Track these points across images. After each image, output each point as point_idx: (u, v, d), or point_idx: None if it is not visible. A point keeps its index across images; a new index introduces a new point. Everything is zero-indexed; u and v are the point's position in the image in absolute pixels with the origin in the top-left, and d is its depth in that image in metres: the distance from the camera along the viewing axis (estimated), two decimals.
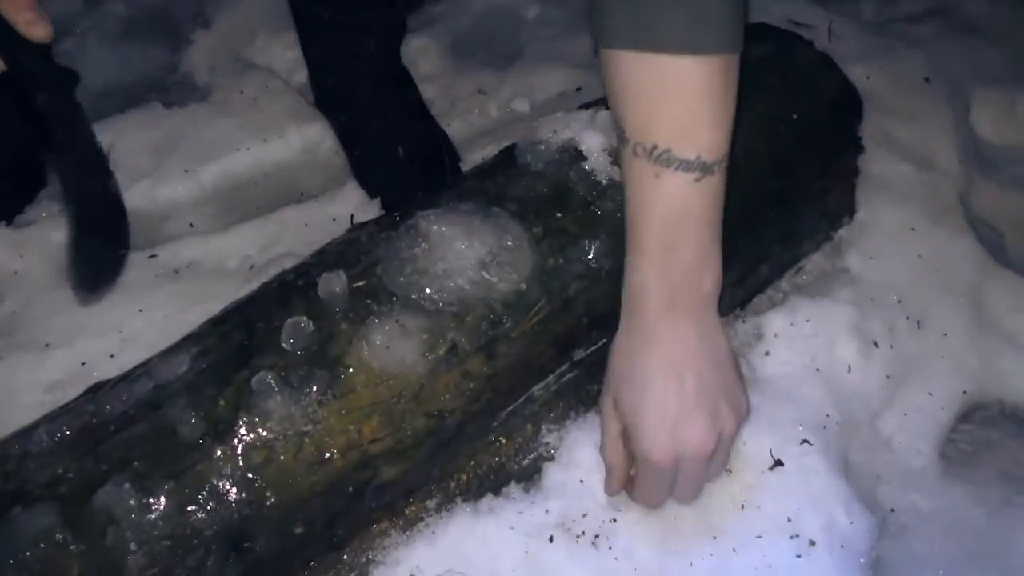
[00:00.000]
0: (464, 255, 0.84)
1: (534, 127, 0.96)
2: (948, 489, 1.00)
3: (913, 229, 1.16)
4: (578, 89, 1.38)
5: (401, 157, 1.27)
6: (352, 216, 1.22)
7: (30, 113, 1.26)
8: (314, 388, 0.76)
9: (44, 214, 1.24)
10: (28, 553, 0.68)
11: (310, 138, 1.36)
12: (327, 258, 0.87)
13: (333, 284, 0.81)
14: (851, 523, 0.90)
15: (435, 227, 0.85)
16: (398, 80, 1.34)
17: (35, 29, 0.89)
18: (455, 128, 1.37)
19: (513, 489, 0.89)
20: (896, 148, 1.26)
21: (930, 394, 1.04)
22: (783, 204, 1.03)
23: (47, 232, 1.22)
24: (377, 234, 0.87)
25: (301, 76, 1.48)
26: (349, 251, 0.87)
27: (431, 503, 0.86)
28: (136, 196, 1.26)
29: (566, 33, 1.51)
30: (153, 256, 1.19)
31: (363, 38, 1.27)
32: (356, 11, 1.24)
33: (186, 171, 1.30)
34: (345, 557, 0.83)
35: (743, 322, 1.04)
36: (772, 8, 1.51)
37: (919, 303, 1.09)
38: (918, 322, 1.08)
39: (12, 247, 1.20)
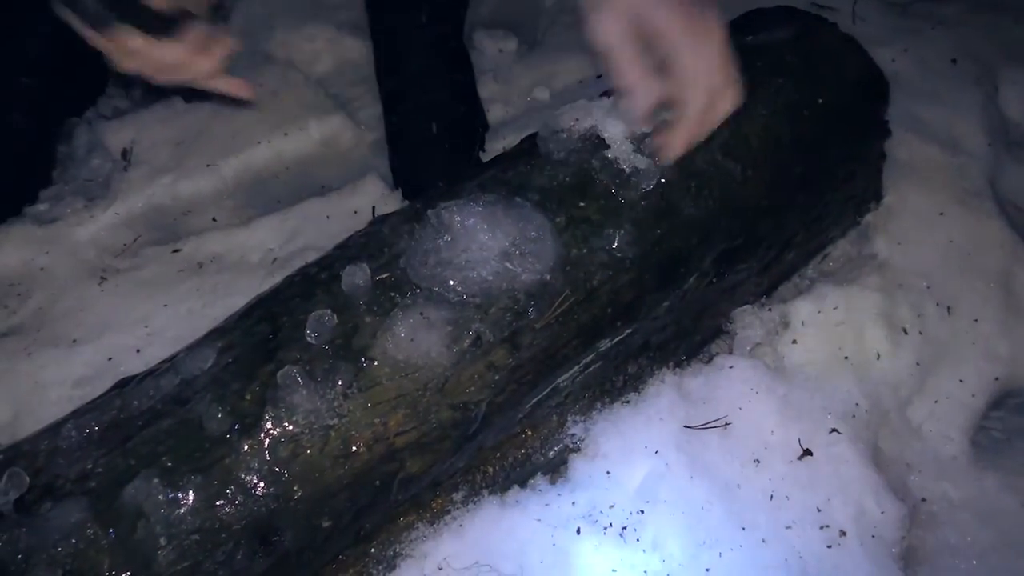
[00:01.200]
0: (487, 246, 0.83)
1: (555, 115, 0.95)
2: (980, 477, 0.99)
3: (942, 213, 1.14)
4: (598, 76, 1.37)
5: (432, 133, 1.27)
6: (373, 208, 1.22)
7: (38, 104, 1.28)
8: (339, 381, 0.76)
9: (68, 210, 1.25)
10: (59, 548, 0.68)
11: (330, 131, 1.36)
12: (350, 251, 0.87)
13: (356, 277, 0.81)
14: (882, 512, 0.89)
15: (458, 218, 0.85)
16: (453, 58, 1.34)
17: None
18: None
19: (539, 481, 0.89)
20: (923, 131, 1.24)
21: (961, 381, 1.03)
22: (808, 189, 1.02)
23: (72, 228, 1.22)
24: (400, 226, 0.87)
25: (321, 68, 1.48)
26: (372, 243, 0.86)
27: (457, 495, 0.86)
28: (159, 191, 1.27)
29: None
30: (176, 251, 1.19)
31: (421, 6, 1.27)
32: None
33: (208, 165, 1.30)
34: (372, 550, 0.83)
35: (769, 310, 1.03)
36: None
37: (949, 289, 1.08)
38: (948, 308, 1.06)
39: (38, 244, 1.20)
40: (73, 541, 0.69)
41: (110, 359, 1.07)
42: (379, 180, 1.27)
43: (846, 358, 0.99)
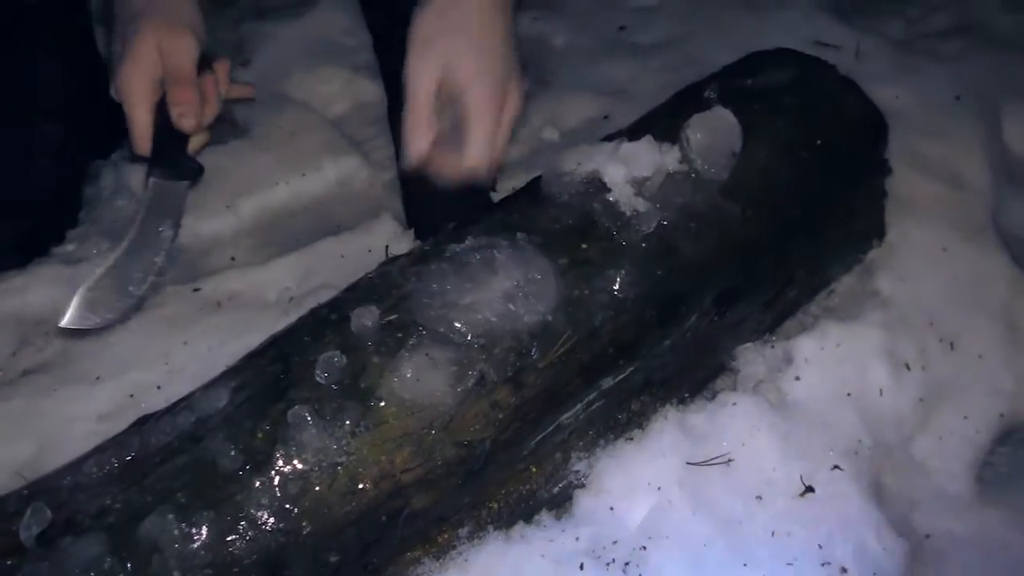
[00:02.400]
0: (491, 288, 0.86)
1: (558, 159, 0.98)
2: (985, 514, 0.99)
3: (945, 249, 1.16)
4: (606, 117, 1.40)
5: None
6: (387, 247, 1.25)
7: (65, 148, 1.34)
8: (347, 420, 0.79)
9: (94, 251, 1.30)
10: None
11: (345, 171, 1.40)
12: (360, 292, 0.90)
13: (365, 319, 0.84)
14: (884, 549, 0.90)
15: (463, 261, 0.88)
16: None
17: (185, 121, 0.98)
18: None
19: (544, 516, 0.91)
20: (926, 167, 1.25)
21: (965, 417, 1.04)
22: (808, 229, 1.04)
23: (96, 269, 1.26)
24: (408, 268, 0.90)
25: (337, 110, 1.53)
26: (381, 285, 0.89)
27: (463, 531, 0.88)
28: (180, 232, 1.31)
29: (594, 60, 1.53)
30: (197, 290, 1.23)
31: None
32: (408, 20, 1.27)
33: (227, 206, 1.34)
34: None
35: (772, 347, 1.05)
36: (799, 29, 1.52)
37: (952, 324, 1.09)
38: (951, 344, 1.07)
39: (65, 283, 1.24)
40: (92, 575, 0.72)
41: (132, 396, 1.10)
42: (392, 219, 1.30)
43: (849, 394, 1.01)
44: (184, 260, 1.30)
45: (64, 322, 0.94)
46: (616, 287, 0.90)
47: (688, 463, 0.93)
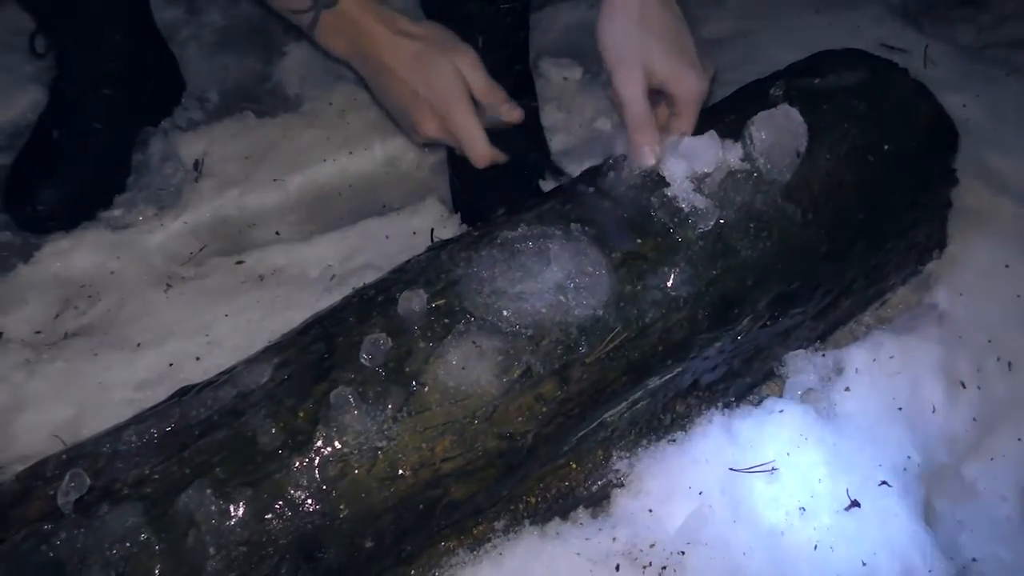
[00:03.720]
0: (542, 278, 0.84)
1: (618, 150, 0.96)
2: None
3: (1007, 266, 1.12)
4: None
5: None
6: (432, 231, 1.24)
7: (116, 114, 1.34)
8: (390, 405, 0.78)
9: (140, 217, 1.30)
10: (114, 550, 0.71)
11: (393, 152, 1.39)
12: (408, 275, 0.89)
13: (412, 302, 0.82)
14: (929, 571, 0.87)
15: (515, 249, 0.86)
16: (517, 83, 1.34)
17: (516, 112, 1.01)
18: None
19: (581, 514, 0.89)
20: (993, 180, 1.21)
21: (1019, 440, 1.00)
22: (870, 236, 1.01)
23: (143, 235, 1.27)
24: (458, 253, 0.88)
25: None
26: (430, 268, 0.88)
27: (499, 524, 0.87)
28: (227, 203, 1.31)
29: None
30: (240, 262, 1.23)
31: (483, 29, 1.27)
32: (465, 3, 1.26)
33: (275, 180, 1.34)
34: (412, 572, 0.84)
35: (823, 356, 1.02)
36: (866, 31, 1.48)
37: (1011, 344, 1.05)
38: (1009, 364, 1.04)
39: (110, 248, 1.25)
40: (127, 545, 0.71)
41: (171, 365, 1.10)
42: (439, 203, 1.29)
43: (900, 409, 0.98)
44: (229, 232, 1.30)
45: None
46: (669, 284, 0.87)
47: (731, 469, 0.91)
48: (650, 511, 0.88)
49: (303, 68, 1.56)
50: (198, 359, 1.11)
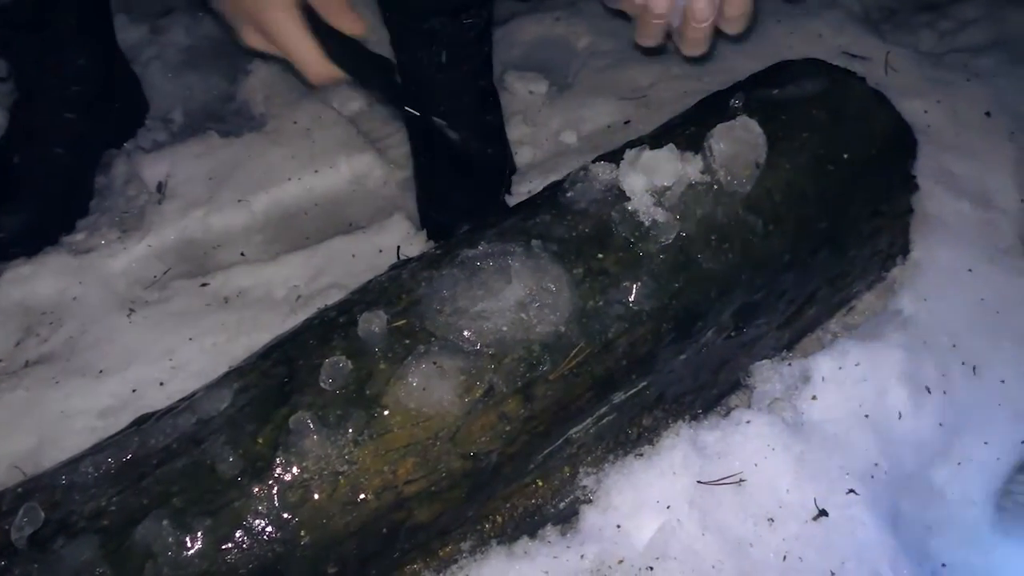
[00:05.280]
0: (503, 296, 0.84)
1: (579, 167, 0.96)
2: (1004, 543, 0.96)
3: (970, 270, 1.13)
4: (626, 122, 1.38)
5: (459, 174, 1.28)
6: (398, 248, 1.23)
7: (78, 137, 1.32)
8: (351, 428, 0.77)
9: (103, 241, 1.28)
10: None
11: (359, 169, 1.38)
12: (370, 295, 0.88)
13: (373, 324, 0.82)
14: None
15: (476, 267, 0.86)
16: (482, 98, 1.34)
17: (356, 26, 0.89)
18: None
19: (549, 531, 0.89)
20: (954, 185, 1.22)
21: (986, 443, 1.01)
22: (832, 245, 1.01)
23: (106, 259, 1.25)
24: (419, 272, 0.88)
25: (354, 106, 1.51)
26: (391, 289, 0.87)
27: (465, 544, 0.86)
28: (191, 225, 1.30)
29: (616, 64, 1.50)
30: (204, 284, 1.22)
31: (446, 45, 1.28)
32: (427, 18, 1.25)
33: (239, 200, 1.33)
34: None
35: (789, 365, 1.02)
36: (827, 39, 1.49)
37: (975, 348, 1.06)
38: (974, 368, 1.04)
39: (73, 273, 1.23)
40: None
41: (134, 391, 1.09)
42: (405, 219, 1.28)
43: (867, 416, 0.98)
44: (193, 254, 1.28)
45: None
46: (632, 299, 0.87)
47: (699, 481, 0.90)
48: (618, 527, 0.87)
49: (267, 87, 1.55)
50: (162, 384, 1.10)
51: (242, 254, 1.28)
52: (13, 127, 1.35)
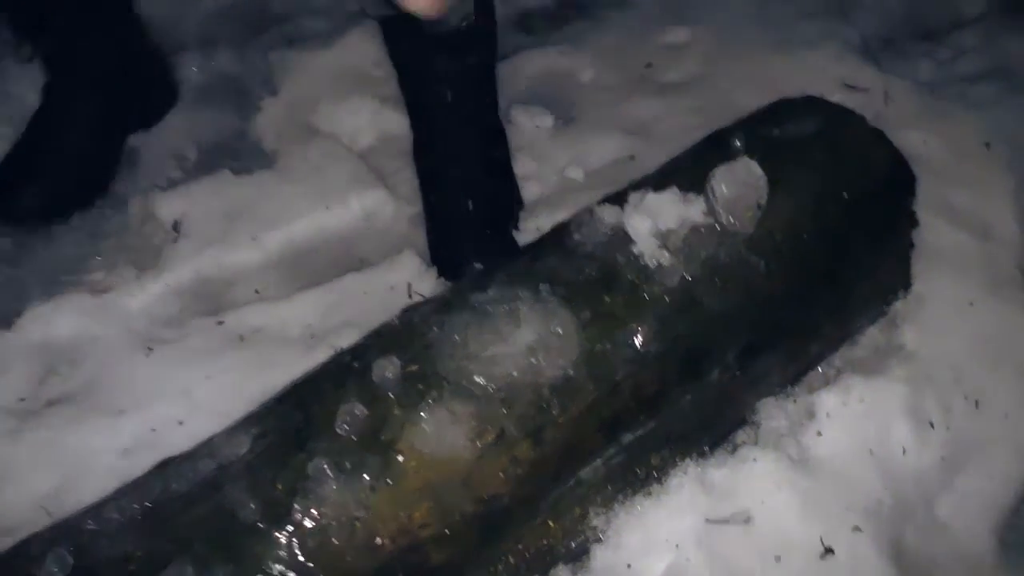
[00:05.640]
0: (513, 341, 0.86)
1: (584, 207, 0.99)
2: None
3: (972, 303, 1.14)
4: (631, 157, 1.40)
5: (467, 211, 1.31)
6: (409, 285, 1.26)
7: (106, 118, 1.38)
8: (366, 475, 0.79)
9: (121, 280, 1.31)
10: None
11: (370, 205, 1.41)
12: (382, 340, 0.90)
13: (386, 370, 0.84)
14: None
15: (486, 312, 0.88)
16: (488, 134, 1.37)
17: None
18: None
19: (561, 571, 0.91)
20: (954, 217, 1.24)
21: (990, 477, 1.02)
22: (834, 282, 1.03)
23: (124, 298, 1.28)
24: (430, 316, 0.90)
25: (365, 141, 1.54)
26: (403, 333, 0.90)
27: None
28: (206, 263, 1.33)
29: (620, 98, 1.53)
30: (220, 323, 1.24)
31: (452, 82, 1.31)
32: (433, 57, 1.28)
33: (253, 238, 1.35)
34: None
35: (794, 401, 1.04)
36: (827, 70, 1.52)
37: (978, 381, 1.08)
38: (976, 402, 1.06)
39: (91, 313, 1.26)
40: None
41: (154, 430, 1.11)
42: (416, 256, 1.31)
43: (871, 452, 1.00)
44: (209, 292, 1.31)
45: None
46: (639, 341, 0.89)
47: (707, 520, 0.92)
48: (629, 566, 0.89)
49: (279, 123, 1.58)
50: (181, 423, 1.12)
51: (256, 292, 1.31)
52: (43, 105, 1.42)
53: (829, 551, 0.90)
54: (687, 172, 1.02)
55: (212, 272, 1.33)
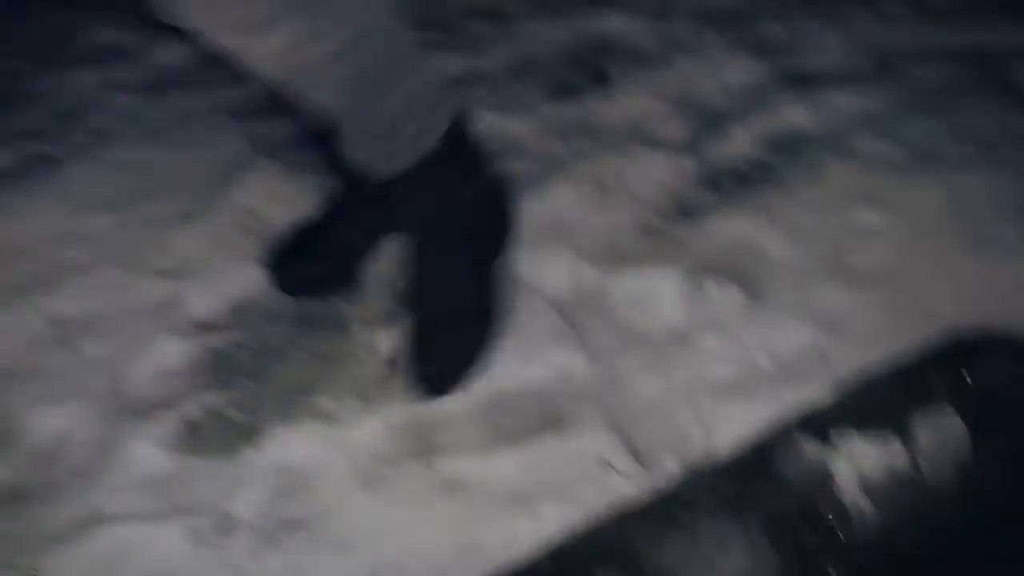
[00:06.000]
0: (722, 570, 0.96)
1: (787, 432, 1.08)
2: None
3: None
4: (821, 355, 1.46)
5: None
6: (609, 463, 1.36)
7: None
8: None
9: (346, 410, 1.48)
10: None
11: (564, 362, 1.53)
12: (596, 551, 1.01)
13: None
14: None
15: (695, 538, 0.98)
16: None
17: None
18: None
19: None
20: None
21: None
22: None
23: (349, 430, 1.45)
24: (641, 527, 1.01)
25: (558, 293, 1.67)
26: (617, 546, 1.01)
27: None
28: (420, 404, 1.48)
29: (810, 281, 1.59)
30: (429, 467, 1.38)
31: None
32: None
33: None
34: None
35: None
36: None
37: None
38: None
39: (321, 440, 1.43)
40: None
41: (374, 572, 1.26)
42: (607, 427, 1.41)
43: None
44: (420, 434, 1.46)
45: None
46: None
47: None
48: None
49: None
50: (398, 566, 1.26)
51: (463, 440, 1.45)
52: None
53: None
54: (886, 407, 1.09)
55: (424, 415, 1.48)
